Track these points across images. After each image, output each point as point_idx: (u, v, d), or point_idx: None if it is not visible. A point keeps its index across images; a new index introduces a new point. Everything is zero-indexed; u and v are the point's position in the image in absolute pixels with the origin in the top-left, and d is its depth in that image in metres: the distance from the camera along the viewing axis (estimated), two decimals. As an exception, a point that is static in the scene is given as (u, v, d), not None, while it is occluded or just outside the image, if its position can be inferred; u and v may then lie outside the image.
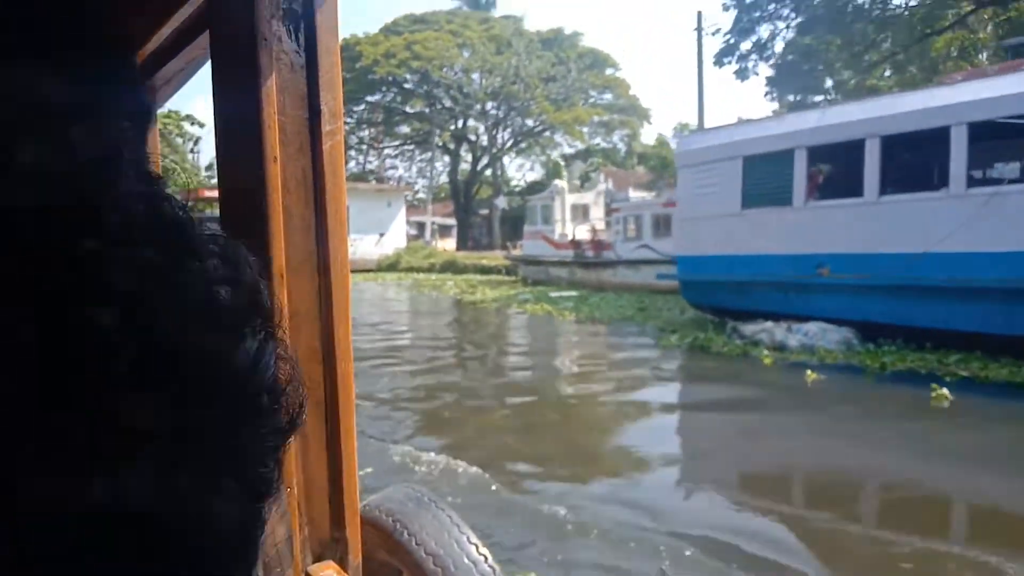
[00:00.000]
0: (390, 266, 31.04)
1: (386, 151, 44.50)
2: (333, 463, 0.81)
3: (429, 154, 42.42)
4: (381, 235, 32.30)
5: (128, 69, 0.59)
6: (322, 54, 0.79)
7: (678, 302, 13.03)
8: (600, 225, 24.37)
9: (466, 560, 0.99)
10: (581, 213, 25.72)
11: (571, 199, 25.89)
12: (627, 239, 19.90)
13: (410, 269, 30.11)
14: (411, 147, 44.11)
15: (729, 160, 10.28)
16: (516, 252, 27.31)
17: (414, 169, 44.71)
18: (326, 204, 0.79)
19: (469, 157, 42.67)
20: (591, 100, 41.19)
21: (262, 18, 0.75)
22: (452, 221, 39.92)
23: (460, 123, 40.73)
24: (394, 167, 44.58)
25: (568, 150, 42.55)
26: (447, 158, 43.61)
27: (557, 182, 27.54)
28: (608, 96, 41.56)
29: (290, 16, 0.77)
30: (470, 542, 1.02)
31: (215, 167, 0.84)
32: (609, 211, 23.71)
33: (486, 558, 1.01)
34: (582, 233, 23.57)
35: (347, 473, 0.81)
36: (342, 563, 0.81)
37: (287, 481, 0.77)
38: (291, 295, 0.76)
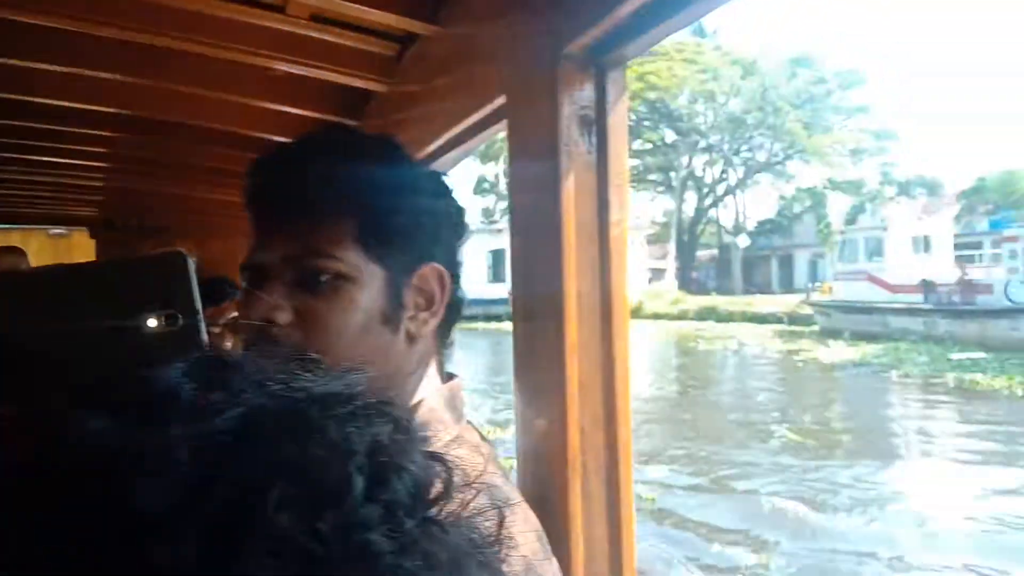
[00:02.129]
0: (632, 313, 30.47)
1: None
2: (613, 524, 0.93)
3: (646, 193, 42.44)
4: None
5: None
6: (612, 155, 0.94)
7: None
8: (945, 260, 20.66)
9: None
10: (922, 246, 21.60)
11: (912, 228, 21.67)
12: None
13: (655, 316, 28.55)
14: (632, 185, 44.54)
15: None
16: (820, 297, 24.07)
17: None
18: (611, 286, 0.94)
19: (693, 195, 41.84)
20: (844, 125, 38.42)
21: (562, 125, 0.92)
22: (662, 264, 38.90)
23: (687, 159, 40.23)
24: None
25: (806, 183, 39.94)
26: (661, 197, 43.24)
27: (897, 207, 24.09)
28: (856, 121, 38.49)
29: (585, 121, 0.94)
30: None
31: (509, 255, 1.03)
32: (994, 241, 19.51)
33: None
34: (925, 271, 19.60)
35: (626, 534, 0.93)
36: (620, 621, 0.93)
37: (573, 540, 0.91)
38: (580, 368, 0.91)
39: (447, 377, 0.75)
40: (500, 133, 1.16)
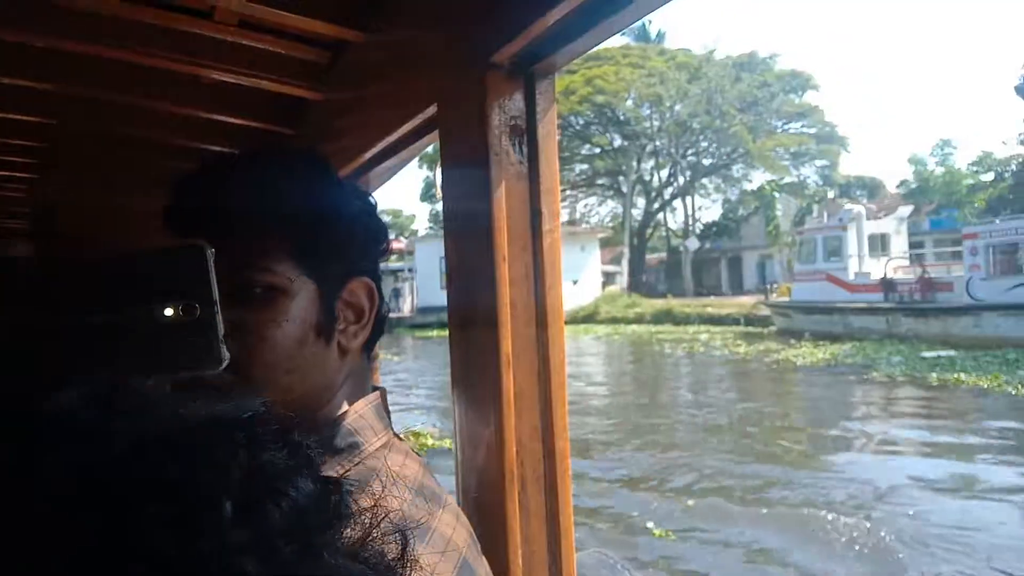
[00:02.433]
0: (587, 317, 29.98)
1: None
2: (552, 535, 0.94)
3: (594, 198, 42.89)
4: (574, 282, 31.67)
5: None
6: (543, 163, 0.95)
7: None
8: (902, 260, 20.83)
9: None
10: (879, 245, 21.63)
11: (869, 227, 21.61)
12: (992, 275, 16.70)
13: (612, 320, 28.88)
14: (575, 192, 44.86)
15: None
16: (779, 298, 24.30)
17: (576, 214, 45.27)
18: (546, 295, 0.94)
19: (642, 199, 42.47)
20: (787, 128, 39.53)
21: (493, 135, 0.93)
22: (614, 268, 39.38)
23: (635, 163, 40.82)
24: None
25: (750, 186, 41.01)
26: (610, 202, 43.79)
27: (852, 206, 23.15)
28: (798, 124, 39.66)
29: (516, 131, 0.95)
30: None
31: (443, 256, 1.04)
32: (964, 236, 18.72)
33: None
34: (883, 270, 19.81)
35: (565, 545, 0.94)
36: (560, 631, 0.93)
37: (511, 554, 0.91)
38: (516, 379, 0.92)
39: (373, 390, 0.76)
40: (434, 143, 1.16)
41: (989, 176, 34.13)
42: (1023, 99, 38.01)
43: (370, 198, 0.78)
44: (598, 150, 40.93)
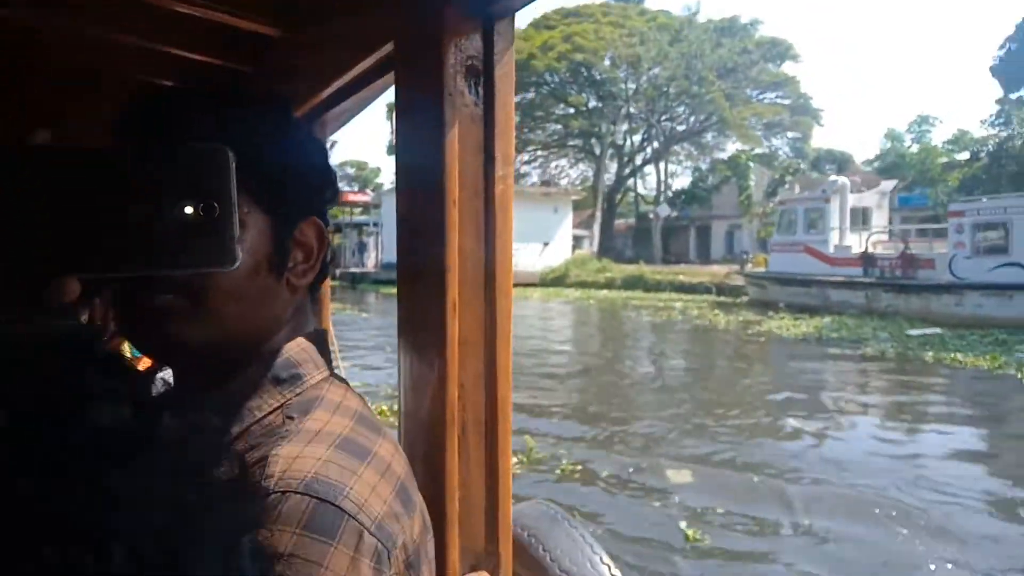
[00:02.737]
0: (555, 280, 29.91)
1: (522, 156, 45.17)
2: (490, 480, 0.95)
3: (565, 160, 42.73)
4: (545, 244, 31.62)
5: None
6: (499, 106, 0.94)
7: None
8: (882, 235, 20.64)
9: None
10: (860, 219, 21.47)
11: (851, 201, 21.32)
12: (976, 254, 16.61)
13: (581, 284, 28.88)
14: (547, 153, 44.60)
15: None
16: (754, 268, 24.26)
17: (546, 176, 45.02)
18: (496, 242, 0.95)
19: (614, 163, 42.47)
20: (761, 98, 39.65)
21: (448, 74, 0.92)
22: (583, 232, 39.54)
23: (610, 125, 40.63)
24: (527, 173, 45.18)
25: (723, 154, 41.25)
26: (581, 165, 43.69)
27: (837, 178, 22.57)
28: (773, 94, 39.79)
29: (472, 72, 0.93)
30: (603, 562, 1.13)
31: (395, 198, 1.03)
32: (942, 215, 19.16)
33: None
34: (863, 244, 19.73)
35: (502, 490, 0.96)
36: (494, 575, 0.96)
37: (449, 494, 0.92)
38: (461, 326, 0.92)
39: (317, 330, 0.77)
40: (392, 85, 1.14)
41: (965, 155, 34.75)
42: (998, 80, 38.74)
43: (323, 143, 0.79)
44: (572, 110, 40.62)
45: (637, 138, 41.62)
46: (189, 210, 0.55)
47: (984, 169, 29.41)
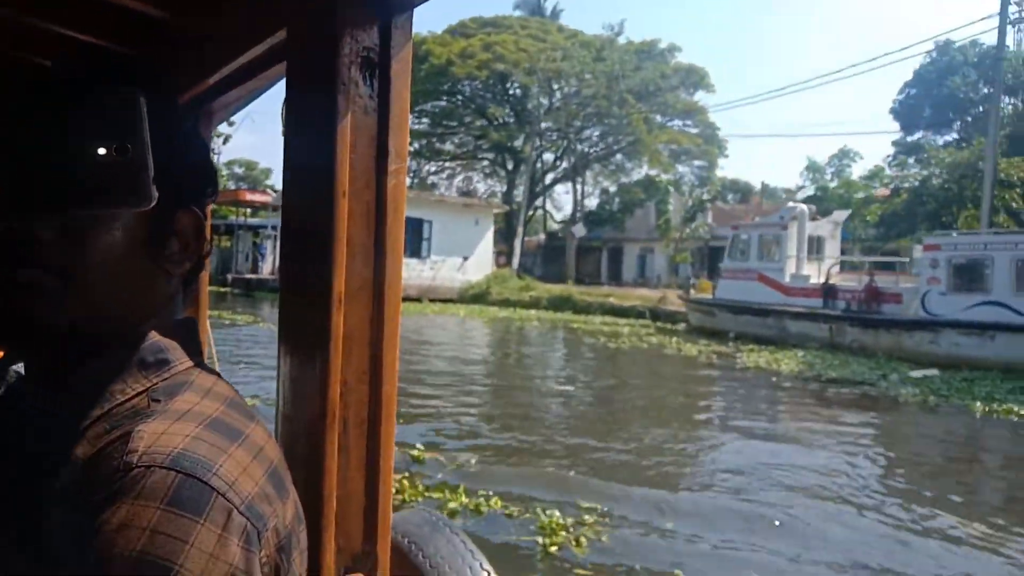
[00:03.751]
0: (476, 297, 29.32)
1: (429, 168, 45.03)
2: (371, 479, 0.97)
3: (474, 173, 43.01)
4: (465, 259, 30.98)
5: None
6: (394, 99, 0.97)
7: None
8: (834, 266, 20.22)
9: None
10: (815, 248, 21.14)
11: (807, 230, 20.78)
12: (951, 291, 16.20)
13: (504, 303, 28.19)
14: (455, 164, 44.67)
15: None
16: (700, 294, 23.85)
17: (452, 189, 45.13)
18: (386, 236, 0.97)
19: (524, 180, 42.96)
20: (671, 124, 41.24)
21: (342, 64, 0.94)
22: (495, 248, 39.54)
23: (523, 141, 41.18)
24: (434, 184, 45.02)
25: (630, 177, 42.65)
26: (490, 180, 44.09)
27: (796, 204, 22.27)
28: (682, 122, 41.50)
29: (367, 64, 0.96)
30: (483, 568, 1.16)
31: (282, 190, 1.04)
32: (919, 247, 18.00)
33: None
34: (815, 275, 19.57)
35: (383, 490, 0.97)
36: (371, 576, 0.97)
37: (327, 492, 0.93)
38: (347, 319, 0.94)
39: (187, 320, 0.79)
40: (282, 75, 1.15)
41: (883, 191, 36.99)
42: (898, 122, 41.80)
43: (204, 133, 0.81)
44: (486, 122, 40.93)
45: (550, 156, 42.36)
46: (103, 151, 0.57)
47: (904, 205, 31.37)
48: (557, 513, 5.27)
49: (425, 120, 41.48)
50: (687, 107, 41.07)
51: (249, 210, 35.63)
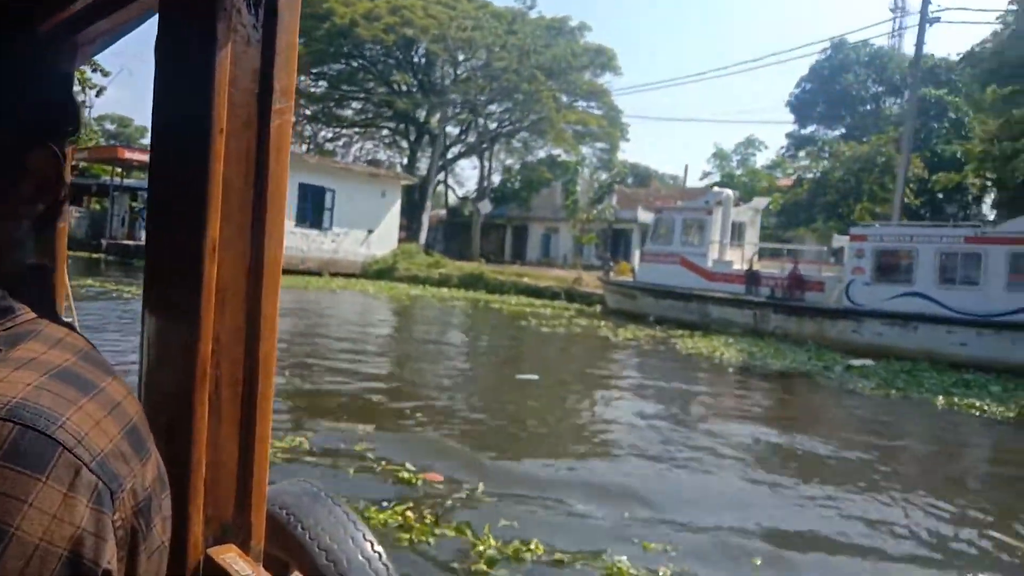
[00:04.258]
0: (381, 272, 28.28)
1: (324, 133, 43.64)
2: (245, 445, 0.91)
3: (371, 143, 42.12)
4: (370, 232, 29.80)
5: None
6: (281, 32, 0.90)
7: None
8: (754, 253, 20.75)
9: (360, 556, 1.11)
10: (736, 234, 21.33)
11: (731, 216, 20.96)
12: (875, 281, 16.63)
13: (412, 280, 27.30)
14: (351, 132, 43.62)
15: None
16: (620, 276, 23.91)
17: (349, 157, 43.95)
18: (267, 180, 0.90)
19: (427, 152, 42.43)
20: (575, 104, 41.56)
21: (223, -12, 0.86)
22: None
23: (427, 111, 40.56)
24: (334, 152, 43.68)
25: (534, 157, 42.96)
26: (388, 150, 43.23)
27: (720, 190, 22.37)
28: (587, 103, 41.95)
29: (252, -10, 0.89)
30: (365, 539, 1.13)
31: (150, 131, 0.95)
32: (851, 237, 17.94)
33: (380, 555, 1.13)
34: (738, 261, 19.94)
35: (258, 457, 0.92)
36: (244, 547, 0.91)
37: (195, 459, 0.87)
38: (221, 269, 0.87)
39: (39, 268, 0.73)
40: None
41: (786, 181, 38.59)
42: (794, 115, 43.86)
43: (65, 66, 0.74)
44: (387, 89, 40.02)
45: (453, 129, 41.84)
46: None
47: (806, 195, 32.84)
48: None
49: (323, 83, 40.16)
50: (593, 88, 41.46)
51: (123, 170, 33.30)
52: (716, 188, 23.73)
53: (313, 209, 27.92)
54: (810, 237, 31.74)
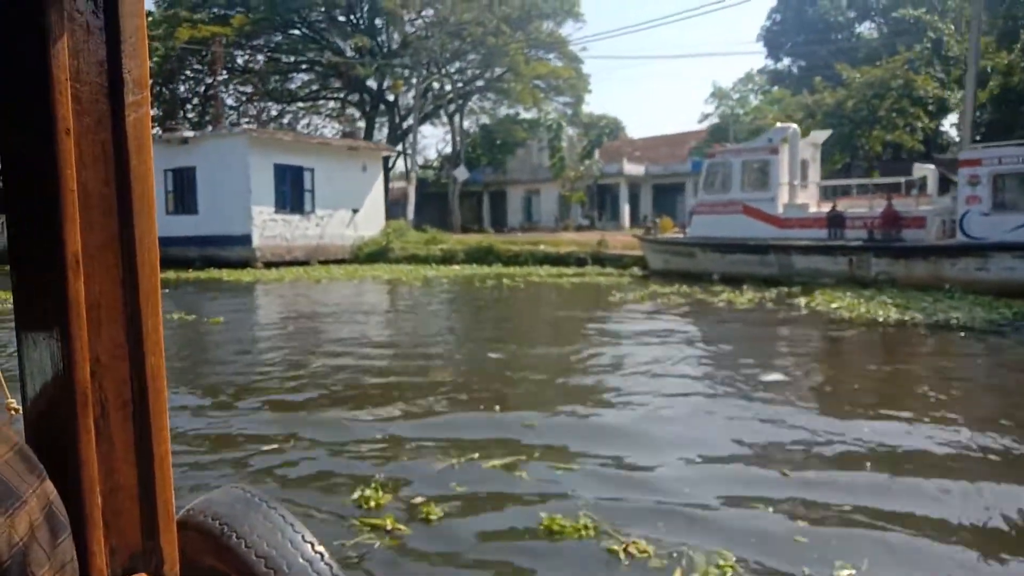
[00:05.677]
0: (373, 255, 26.13)
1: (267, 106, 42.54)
2: (144, 467, 0.88)
3: (319, 117, 41.24)
4: (355, 211, 27.86)
5: None
6: (125, 16, 0.85)
7: None
8: (813, 191, 19.02)
9: (301, 560, 1.09)
10: (801, 174, 19.27)
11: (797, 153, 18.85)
12: (995, 210, 14.83)
13: (411, 259, 25.28)
14: (296, 107, 42.76)
15: None
16: (663, 233, 22.33)
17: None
18: (131, 182, 0.86)
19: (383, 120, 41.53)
20: (534, 55, 40.76)
21: (51, -27, 0.81)
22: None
23: (380, 79, 39.67)
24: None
25: (495, 117, 42.36)
26: (336, 123, 42.34)
27: (786, 125, 20.23)
28: (549, 54, 41.18)
29: (84, -28, 0.84)
30: (305, 540, 1.12)
31: None
32: (954, 164, 16.35)
33: (322, 556, 1.12)
34: (803, 202, 18.28)
35: (160, 477, 0.89)
36: (156, 574, 0.89)
37: (87, 489, 0.84)
38: (90, 284, 0.83)
39: None
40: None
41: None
42: (766, 48, 43.26)
43: None
44: (333, 56, 39.06)
45: (410, 94, 40.89)
46: None
47: (821, 128, 32.00)
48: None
49: (260, 57, 39.08)
50: (555, 39, 40.72)
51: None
52: (780, 124, 20.99)
53: (292, 192, 25.72)
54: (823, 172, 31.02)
